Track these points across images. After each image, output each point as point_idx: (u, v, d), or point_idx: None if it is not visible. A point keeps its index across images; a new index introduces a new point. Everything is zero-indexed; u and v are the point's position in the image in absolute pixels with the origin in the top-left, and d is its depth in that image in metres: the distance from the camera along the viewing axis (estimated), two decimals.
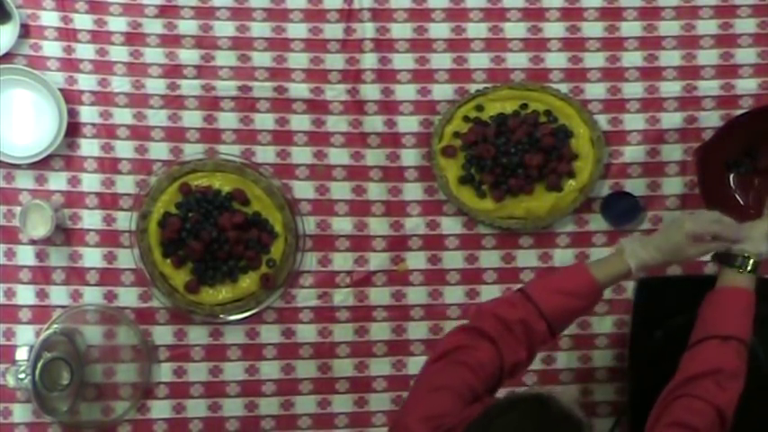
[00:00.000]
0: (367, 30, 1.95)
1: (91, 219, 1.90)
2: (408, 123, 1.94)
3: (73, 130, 1.90)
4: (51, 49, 1.92)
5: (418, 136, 1.94)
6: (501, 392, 1.44)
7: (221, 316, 1.89)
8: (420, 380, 1.45)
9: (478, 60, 1.95)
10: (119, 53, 1.93)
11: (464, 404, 1.39)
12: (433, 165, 1.92)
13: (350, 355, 1.91)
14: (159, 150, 1.92)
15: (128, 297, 1.90)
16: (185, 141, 1.93)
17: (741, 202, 1.89)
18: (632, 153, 1.93)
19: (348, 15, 1.95)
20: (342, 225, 1.92)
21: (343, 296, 1.91)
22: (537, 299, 1.49)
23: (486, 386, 1.44)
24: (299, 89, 1.94)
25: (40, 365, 1.77)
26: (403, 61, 1.95)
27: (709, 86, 1.94)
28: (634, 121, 1.94)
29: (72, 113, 1.90)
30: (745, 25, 1.95)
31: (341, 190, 1.93)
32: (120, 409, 1.88)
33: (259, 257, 1.89)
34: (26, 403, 1.86)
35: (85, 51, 1.92)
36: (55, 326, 1.85)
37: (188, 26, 1.94)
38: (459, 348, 1.44)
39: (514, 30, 1.95)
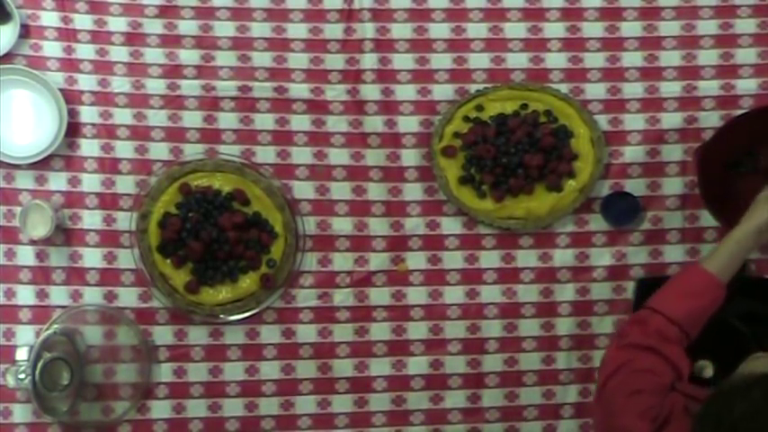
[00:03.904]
0: (367, 30, 1.95)
1: (91, 219, 1.90)
2: (408, 123, 1.94)
3: (73, 130, 1.90)
4: (51, 49, 1.92)
5: (418, 136, 1.94)
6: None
7: (221, 316, 1.89)
8: (607, 396, 1.49)
9: (478, 60, 1.95)
10: (119, 53, 1.93)
11: (663, 397, 1.45)
12: (433, 165, 1.92)
13: (350, 355, 1.91)
14: (159, 150, 1.92)
15: (128, 297, 1.90)
16: (185, 141, 1.93)
17: (741, 203, 1.89)
18: (632, 153, 1.93)
19: (348, 15, 1.95)
20: (342, 225, 1.92)
21: (343, 296, 1.91)
22: (661, 308, 1.55)
23: (673, 381, 1.50)
24: (299, 89, 1.94)
25: (40, 365, 1.77)
26: (403, 61, 1.95)
27: (709, 86, 1.94)
28: (634, 122, 1.94)
29: (72, 113, 1.90)
30: (745, 25, 1.95)
31: (341, 190, 1.93)
32: (120, 409, 1.88)
33: (259, 257, 1.89)
34: (26, 403, 1.86)
35: (85, 51, 1.92)
36: (55, 326, 1.85)
37: (188, 26, 1.94)
38: (627, 362, 1.50)
39: (514, 30, 1.95)
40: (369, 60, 1.95)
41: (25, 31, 1.91)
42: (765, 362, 1.37)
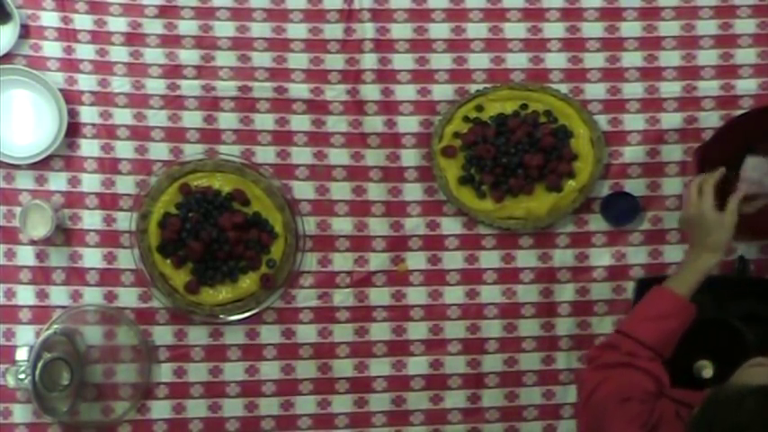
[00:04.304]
0: (367, 30, 1.95)
1: (91, 219, 1.90)
2: (408, 123, 1.94)
3: (73, 130, 1.90)
4: (51, 49, 1.92)
5: (418, 136, 1.94)
6: None
7: (221, 316, 1.89)
8: (596, 405, 1.48)
9: (478, 60, 1.95)
10: (119, 53, 1.93)
11: (652, 404, 1.44)
12: (432, 165, 1.92)
13: (350, 356, 1.91)
14: (159, 150, 1.92)
15: (128, 297, 1.90)
16: (185, 141, 1.93)
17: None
18: (632, 153, 1.93)
19: (348, 16, 1.95)
20: (342, 225, 1.92)
21: (343, 296, 1.91)
22: (631, 332, 1.53)
23: (657, 389, 1.49)
24: (299, 89, 1.94)
25: (40, 366, 1.77)
26: (403, 61, 1.95)
27: (709, 86, 1.94)
28: (634, 122, 1.94)
29: (72, 113, 1.90)
30: (745, 25, 1.95)
31: (341, 190, 1.93)
32: (120, 409, 1.88)
33: (259, 258, 1.89)
34: (26, 403, 1.86)
35: (85, 51, 1.92)
36: (55, 326, 1.85)
37: (188, 26, 1.94)
38: (608, 377, 1.49)
39: (514, 30, 1.96)
40: (369, 60, 1.95)
41: (25, 31, 1.91)
42: (762, 371, 1.35)
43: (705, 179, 1.61)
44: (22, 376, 1.78)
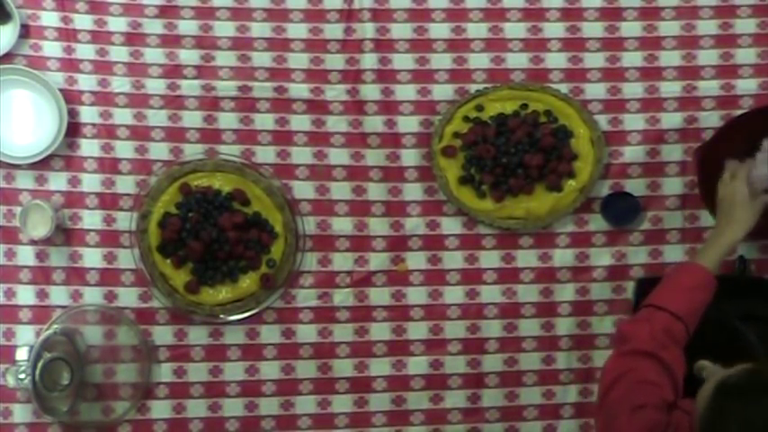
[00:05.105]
0: (367, 30, 1.95)
1: (91, 219, 1.90)
2: (408, 123, 1.94)
3: (73, 130, 1.90)
4: (51, 49, 1.92)
5: (418, 136, 1.94)
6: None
7: (221, 316, 1.89)
8: (609, 408, 1.47)
9: (478, 60, 1.95)
10: (119, 53, 1.93)
11: (667, 414, 1.43)
12: (433, 165, 1.92)
13: (350, 356, 1.91)
14: (159, 150, 1.92)
15: (128, 297, 1.90)
16: (185, 141, 1.93)
17: None
18: (632, 153, 1.93)
19: (348, 15, 1.95)
20: (342, 225, 1.92)
21: (343, 296, 1.91)
22: (665, 305, 1.54)
23: (675, 395, 1.48)
24: (299, 89, 1.94)
25: (40, 365, 1.77)
26: (403, 61, 1.95)
27: (709, 86, 1.94)
28: (634, 121, 1.94)
29: (72, 113, 1.90)
30: (745, 25, 1.95)
31: (341, 190, 1.93)
32: (120, 409, 1.88)
33: (259, 257, 1.89)
34: (26, 403, 1.86)
35: (85, 51, 1.92)
36: (55, 326, 1.85)
37: (188, 26, 1.94)
38: (628, 371, 1.48)
39: (514, 30, 1.96)
40: (369, 60, 1.95)
41: (25, 31, 1.91)
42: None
43: (740, 166, 1.66)
44: (22, 376, 1.78)
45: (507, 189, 1.90)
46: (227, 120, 1.93)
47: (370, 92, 1.94)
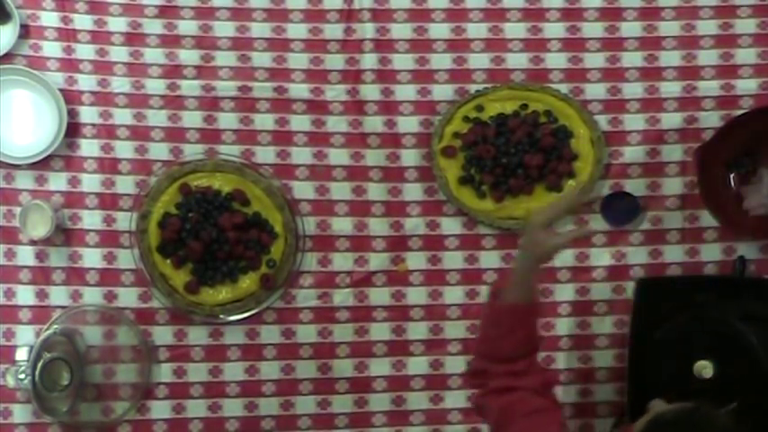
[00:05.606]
0: (367, 30, 1.95)
1: (91, 219, 1.90)
2: (408, 123, 1.94)
3: (73, 130, 1.90)
4: (51, 49, 1.92)
5: (418, 136, 1.94)
6: None
7: (221, 316, 1.89)
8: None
9: (478, 60, 1.95)
10: (119, 53, 1.93)
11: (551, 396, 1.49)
12: (432, 165, 1.92)
13: (350, 356, 1.91)
14: (159, 150, 1.92)
15: (128, 297, 1.90)
16: (185, 141, 1.93)
17: (741, 203, 1.89)
18: (632, 153, 1.93)
19: (348, 15, 1.95)
20: (342, 225, 1.92)
21: (343, 296, 1.91)
22: (488, 354, 1.52)
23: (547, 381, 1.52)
24: (299, 89, 1.94)
25: (39, 366, 1.77)
26: (403, 61, 1.95)
27: (709, 86, 1.94)
28: (634, 122, 1.94)
29: (72, 113, 1.90)
30: (745, 25, 1.95)
31: (341, 190, 1.93)
32: (120, 409, 1.88)
33: (259, 258, 1.89)
34: (26, 403, 1.86)
35: (85, 51, 1.92)
36: (55, 326, 1.85)
37: (188, 26, 1.94)
38: (508, 405, 1.48)
39: (514, 30, 1.95)
40: (369, 60, 1.95)
41: (25, 31, 1.91)
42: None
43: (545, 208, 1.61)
44: (22, 376, 1.78)
45: (507, 189, 1.90)
46: (227, 120, 1.93)
47: (370, 92, 1.94)
